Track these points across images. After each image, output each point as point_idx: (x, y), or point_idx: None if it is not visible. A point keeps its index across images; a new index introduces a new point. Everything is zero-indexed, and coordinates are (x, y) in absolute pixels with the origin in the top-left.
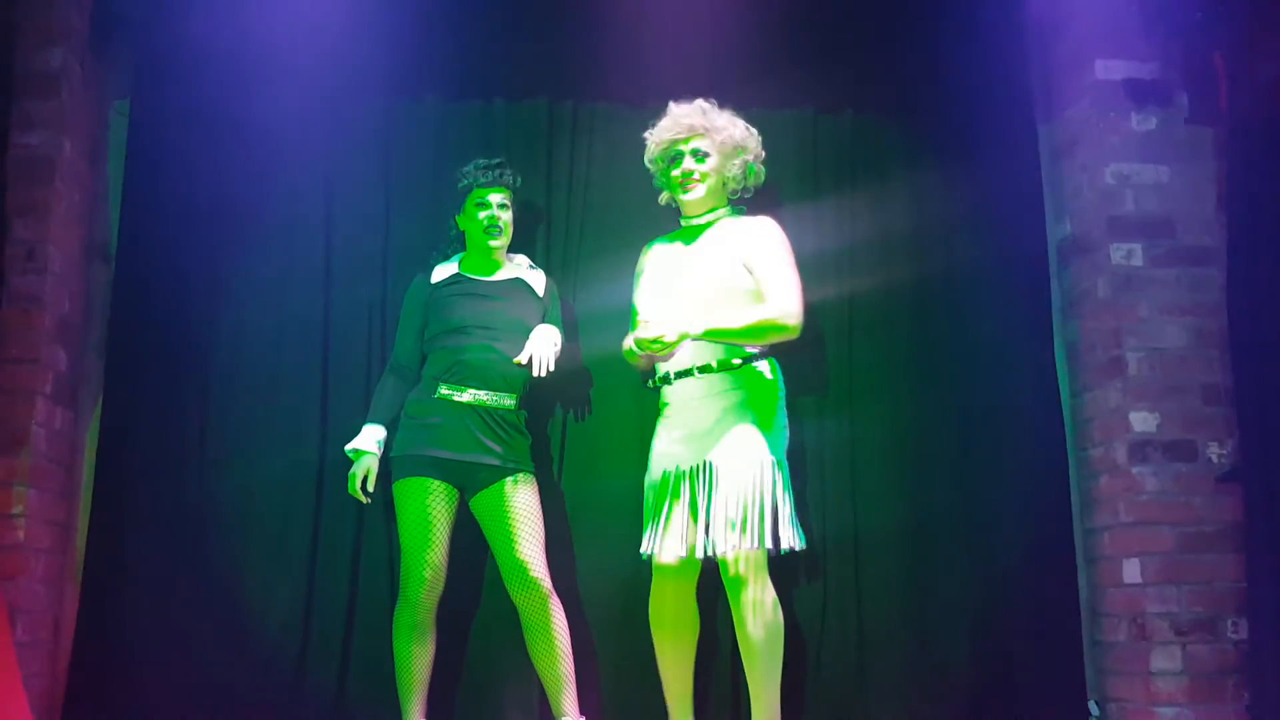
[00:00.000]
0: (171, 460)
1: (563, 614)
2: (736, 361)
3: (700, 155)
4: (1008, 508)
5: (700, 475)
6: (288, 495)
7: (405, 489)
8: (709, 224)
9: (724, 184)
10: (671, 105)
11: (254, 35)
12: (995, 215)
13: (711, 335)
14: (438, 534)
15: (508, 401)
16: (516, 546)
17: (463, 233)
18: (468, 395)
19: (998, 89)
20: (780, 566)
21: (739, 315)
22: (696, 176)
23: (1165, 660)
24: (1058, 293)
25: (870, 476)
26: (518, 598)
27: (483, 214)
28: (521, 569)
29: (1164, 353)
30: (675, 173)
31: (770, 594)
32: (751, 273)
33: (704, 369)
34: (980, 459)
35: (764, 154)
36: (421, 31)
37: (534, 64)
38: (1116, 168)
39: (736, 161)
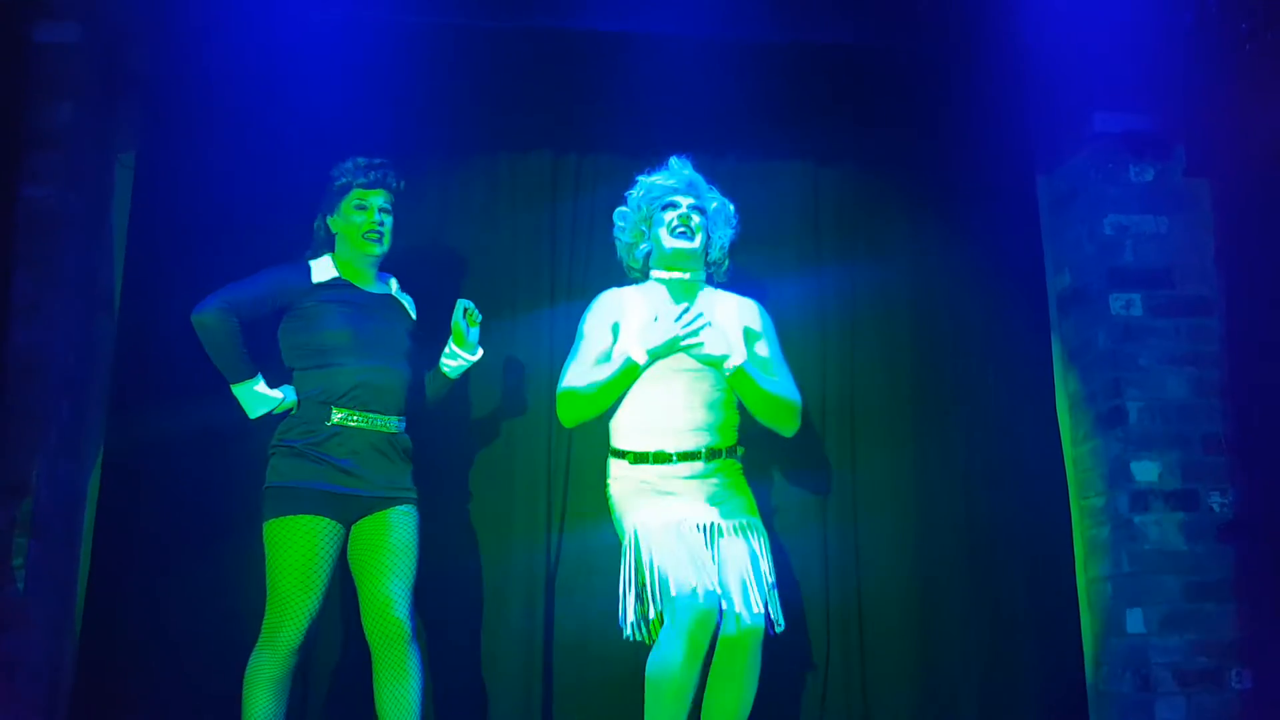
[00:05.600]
0: (172, 514)
1: (421, 663)
2: (738, 449)
3: (698, 212)
4: (1010, 558)
5: (722, 532)
6: None
7: (290, 527)
8: (692, 288)
9: (708, 253)
10: (674, 159)
11: (258, 90)
12: (995, 266)
13: (743, 375)
14: (323, 579)
15: (401, 424)
16: (385, 580)
17: (332, 235)
18: (367, 419)
19: (997, 141)
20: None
21: (774, 381)
22: (694, 230)
23: (1169, 711)
24: (1058, 343)
25: (872, 529)
26: (374, 637)
27: (361, 216)
28: (385, 604)
29: (1164, 402)
30: (670, 217)
31: None
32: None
33: (711, 454)
34: (983, 509)
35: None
36: (425, 86)
37: (537, 118)
38: (1115, 219)
39: (723, 233)
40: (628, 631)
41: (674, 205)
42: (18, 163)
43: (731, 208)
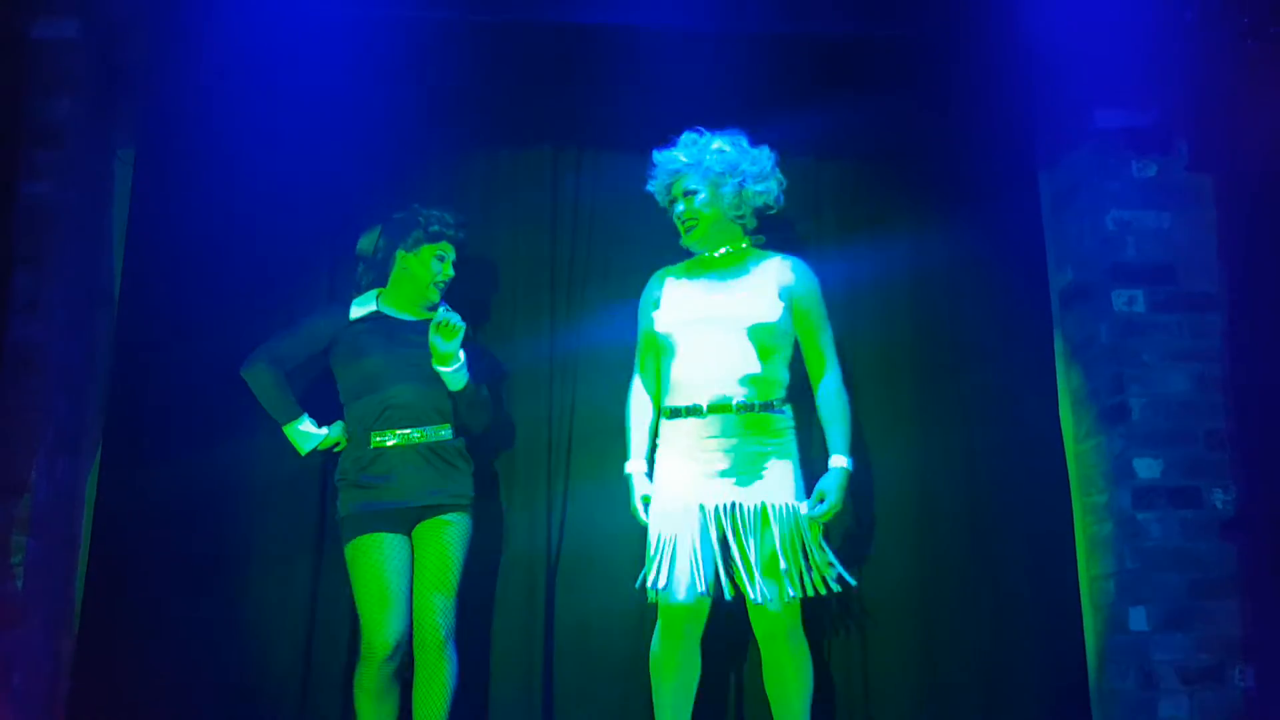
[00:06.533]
0: (171, 510)
1: (455, 667)
2: (778, 404)
3: (690, 195)
4: (1012, 555)
5: (736, 515)
6: (288, 547)
7: (359, 548)
8: (729, 258)
9: (727, 214)
10: (655, 154)
11: (258, 85)
12: (997, 262)
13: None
14: (398, 591)
15: (444, 432)
16: (426, 589)
17: (387, 260)
18: (402, 435)
19: (999, 136)
20: None
21: (843, 415)
22: (692, 218)
23: (1172, 709)
24: (1060, 339)
25: (873, 525)
26: (415, 637)
27: (440, 267)
28: (424, 611)
29: (1167, 399)
30: (675, 214)
31: (807, 644)
32: (791, 317)
33: (744, 408)
34: (984, 506)
35: (769, 169)
36: (425, 80)
37: (538, 112)
38: (1118, 214)
39: (727, 189)
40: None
41: (674, 200)
42: (16, 159)
43: (731, 151)
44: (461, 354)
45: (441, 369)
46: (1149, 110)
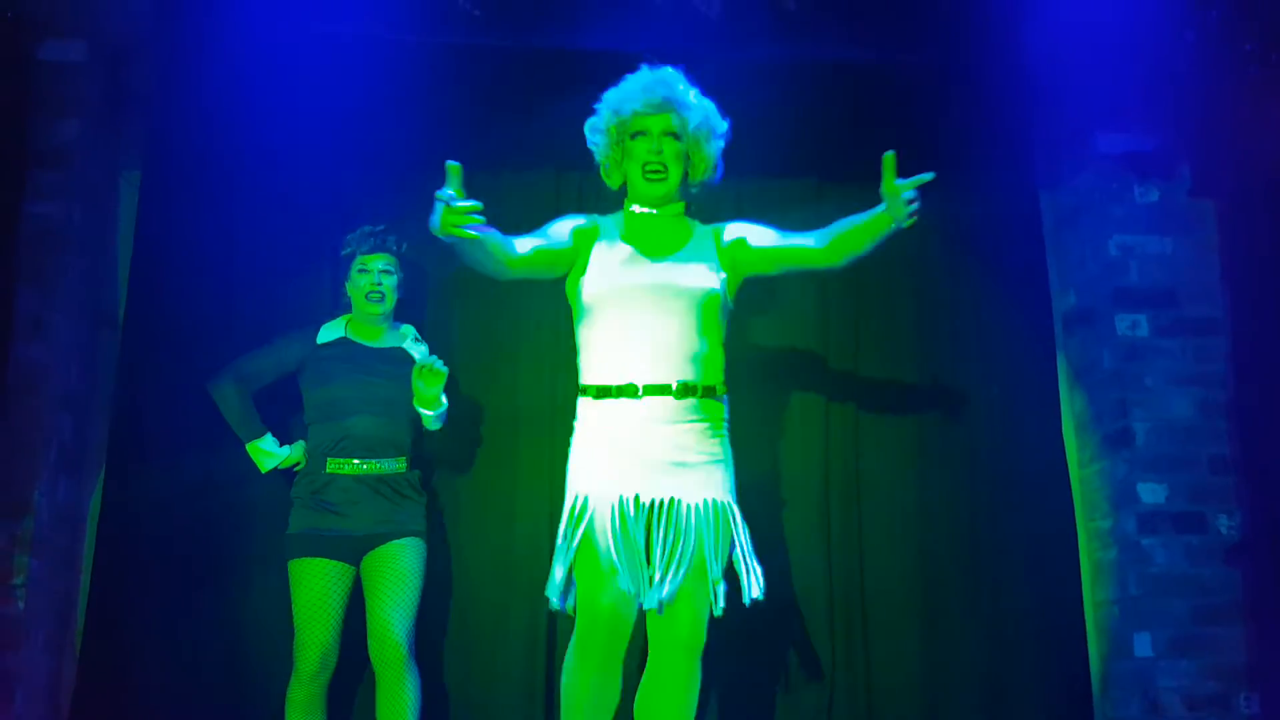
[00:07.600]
0: (173, 532)
1: (418, 684)
2: (719, 391)
3: (672, 138)
4: (1017, 580)
5: (672, 511)
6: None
7: (300, 568)
8: (669, 220)
9: (691, 175)
10: (644, 67)
11: (263, 107)
12: (999, 285)
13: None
14: (331, 614)
15: (398, 465)
16: (383, 605)
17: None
18: (355, 466)
19: (1000, 160)
20: (786, 636)
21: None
22: (667, 165)
23: None
24: (1063, 363)
25: (878, 550)
26: (375, 657)
27: (364, 279)
28: (382, 626)
29: (1171, 423)
30: (642, 150)
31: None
32: (747, 249)
33: (685, 390)
34: (989, 531)
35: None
36: (428, 103)
37: (541, 134)
38: (1120, 239)
39: (709, 149)
40: (554, 602)
41: (644, 133)
42: (22, 179)
43: (717, 117)
44: (444, 399)
45: (423, 411)
46: (1151, 135)
